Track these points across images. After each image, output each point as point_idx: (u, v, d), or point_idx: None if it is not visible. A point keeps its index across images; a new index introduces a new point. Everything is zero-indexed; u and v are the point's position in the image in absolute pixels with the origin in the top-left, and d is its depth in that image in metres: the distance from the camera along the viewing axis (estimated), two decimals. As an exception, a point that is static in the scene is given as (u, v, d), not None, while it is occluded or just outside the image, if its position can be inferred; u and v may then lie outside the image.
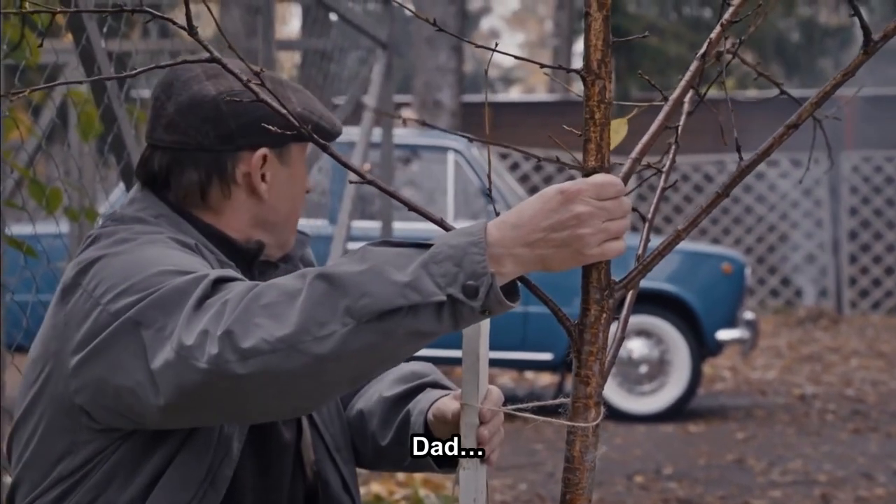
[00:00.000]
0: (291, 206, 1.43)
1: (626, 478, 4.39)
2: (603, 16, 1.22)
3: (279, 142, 1.39)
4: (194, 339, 1.14)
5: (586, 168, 1.19)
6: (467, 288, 1.10)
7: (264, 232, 1.42)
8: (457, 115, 9.56)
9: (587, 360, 1.20)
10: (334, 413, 1.47)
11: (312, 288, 1.12)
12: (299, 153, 1.43)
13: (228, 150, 1.39)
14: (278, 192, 1.41)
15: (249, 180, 1.39)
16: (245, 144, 1.39)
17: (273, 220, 1.42)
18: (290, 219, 1.43)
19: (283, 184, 1.41)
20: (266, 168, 1.40)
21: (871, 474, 4.47)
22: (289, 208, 1.43)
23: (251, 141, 1.38)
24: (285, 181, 1.41)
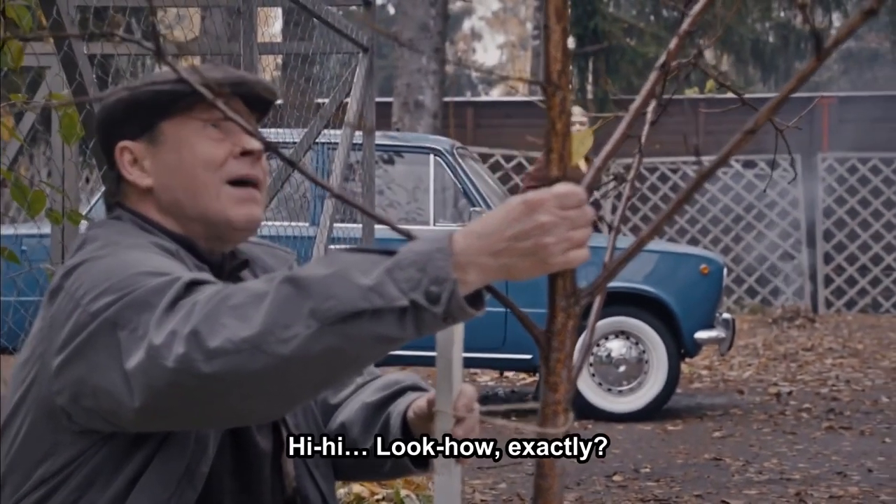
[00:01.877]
0: (185, 178, 1.41)
1: (605, 477, 4.44)
2: (561, 27, 1.25)
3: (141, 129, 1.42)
4: (163, 339, 1.17)
5: (549, 178, 1.23)
6: (430, 294, 1.12)
7: (182, 218, 1.43)
8: (438, 117, 9.60)
9: (555, 366, 1.24)
10: (312, 429, 1.50)
11: (279, 290, 1.15)
12: (180, 126, 1.42)
13: (108, 154, 1.46)
14: (162, 172, 1.42)
15: (124, 177, 1.44)
16: (111, 144, 1.45)
17: (173, 201, 1.42)
18: (192, 191, 1.41)
19: (166, 162, 1.42)
20: (141, 158, 1.43)
21: (845, 472, 4.53)
22: (182, 181, 1.41)
23: (114, 139, 1.44)
24: (167, 159, 1.42)
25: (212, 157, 1.41)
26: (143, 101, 1.41)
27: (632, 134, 1.40)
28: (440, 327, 1.19)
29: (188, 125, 1.41)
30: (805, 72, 1.27)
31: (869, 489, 4.24)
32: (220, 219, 1.42)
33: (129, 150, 1.42)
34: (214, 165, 1.41)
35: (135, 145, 1.42)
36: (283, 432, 1.44)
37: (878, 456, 4.87)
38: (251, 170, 1.44)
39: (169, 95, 1.40)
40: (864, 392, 6.81)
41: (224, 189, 1.42)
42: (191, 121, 1.41)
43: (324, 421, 1.56)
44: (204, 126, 1.41)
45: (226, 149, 1.42)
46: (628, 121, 1.39)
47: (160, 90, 1.40)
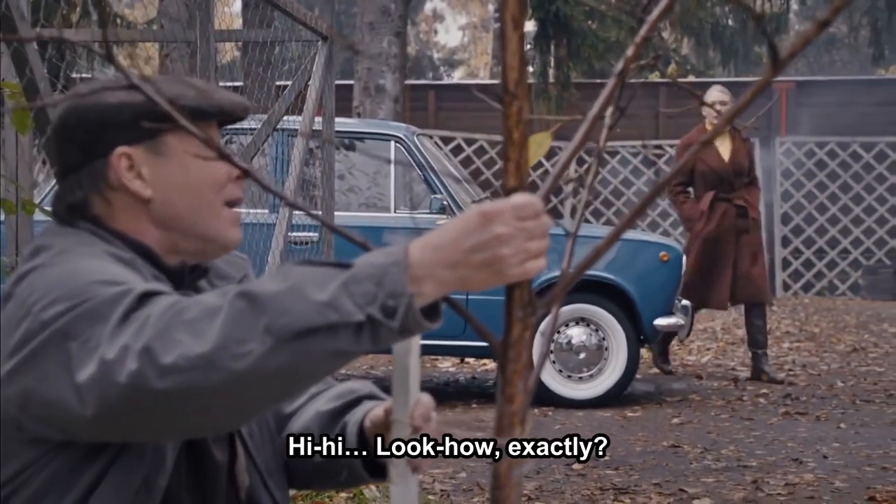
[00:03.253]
0: (189, 197, 1.40)
1: (565, 465, 4.46)
2: (518, 36, 1.24)
3: (141, 136, 1.39)
4: (115, 354, 1.15)
5: (506, 188, 1.22)
6: (386, 308, 1.12)
7: (175, 233, 1.41)
8: (399, 101, 9.55)
9: (512, 377, 1.23)
10: (266, 439, 1.49)
11: (233, 305, 1.13)
12: (182, 140, 1.40)
13: (93, 160, 1.40)
14: (167, 186, 1.40)
15: (122, 183, 1.40)
16: (104, 150, 1.40)
17: (173, 216, 1.40)
18: (193, 210, 1.41)
19: (171, 175, 1.40)
20: (138, 165, 1.40)
21: (800, 459, 4.59)
22: (187, 199, 1.40)
23: (107, 145, 1.40)
24: (173, 172, 1.40)
25: (218, 179, 1.42)
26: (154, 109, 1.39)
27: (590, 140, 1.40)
28: (397, 340, 1.19)
29: (191, 141, 1.39)
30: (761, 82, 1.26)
31: (824, 476, 4.30)
32: (218, 238, 1.43)
33: (129, 156, 1.39)
34: (219, 186, 1.42)
35: (134, 152, 1.39)
36: (237, 443, 1.43)
37: (834, 442, 4.94)
38: (241, 193, 1.45)
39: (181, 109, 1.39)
40: (819, 377, 6.90)
41: (224, 210, 1.43)
42: (190, 140, 1.39)
43: (277, 430, 1.55)
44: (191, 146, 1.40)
45: (226, 171, 1.42)
46: (586, 128, 1.38)
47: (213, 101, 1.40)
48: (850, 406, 5.89)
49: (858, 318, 10.25)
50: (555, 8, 11.50)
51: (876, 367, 7.31)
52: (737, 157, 6.71)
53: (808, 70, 22.20)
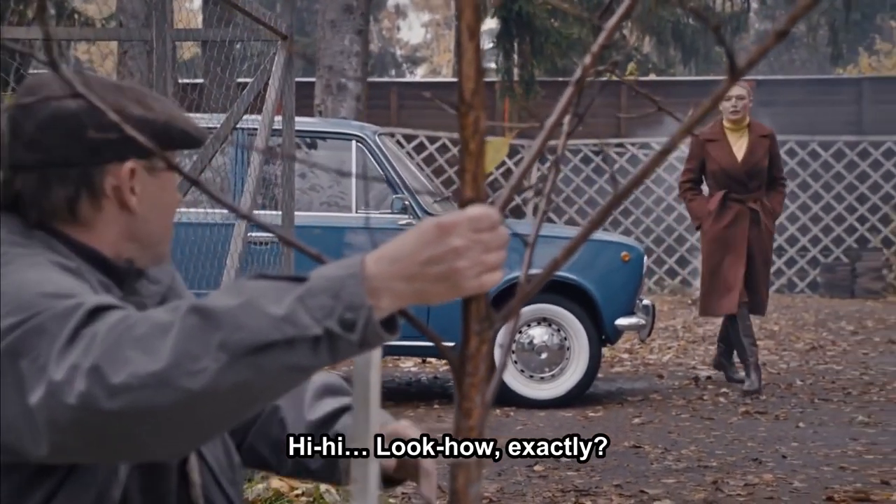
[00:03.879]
0: (163, 218, 1.45)
1: (527, 467, 4.46)
2: (474, 45, 1.22)
3: (146, 153, 1.39)
4: (63, 375, 1.12)
5: (463, 199, 1.20)
6: (344, 321, 1.10)
7: (137, 246, 1.43)
8: (361, 99, 9.50)
9: (469, 391, 1.21)
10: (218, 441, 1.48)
11: (185, 321, 1.10)
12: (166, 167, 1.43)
13: (95, 164, 1.38)
14: (149, 204, 1.42)
15: (120, 194, 1.39)
16: (112, 157, 1.38)
17: (145, 233, 1.43)
18: (163, 230, 1.45)
19: (154, 195, 1.43)
20: (135, 181, 1.40)
21: (760, 459, 4.61)
22: (161, 220, 1.44)
23: (118, 153, 1.39)
24: (156, 192, 1.43)
25: (179, 200, 1.51)
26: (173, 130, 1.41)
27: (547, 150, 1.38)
28: (356, 354, 1.17)
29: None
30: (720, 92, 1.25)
31: (783, 476, 4.32)
32: (165, 255, 1.48)
33: (136, 171, 1.41)
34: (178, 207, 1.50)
35: (140, 169, 1.41)
36: None
37: (792, 441, 4.97)
38: None
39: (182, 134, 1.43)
40: (779, 375, 6.95)
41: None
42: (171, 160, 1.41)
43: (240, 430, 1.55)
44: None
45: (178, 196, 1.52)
46: (543, 137, 1.36)
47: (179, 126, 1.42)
48: (808, 405, 5.94)
49: (817, 315, 10.35)
50: (517, 6, 11.50)
51: (834, 366, 7.38)
52: (752, 156, 6.27)
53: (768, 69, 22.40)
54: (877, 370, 7.14)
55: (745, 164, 6.24)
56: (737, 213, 6.23)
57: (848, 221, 12.87)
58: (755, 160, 6.26)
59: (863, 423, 5.38)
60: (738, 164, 6.24)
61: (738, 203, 6.25)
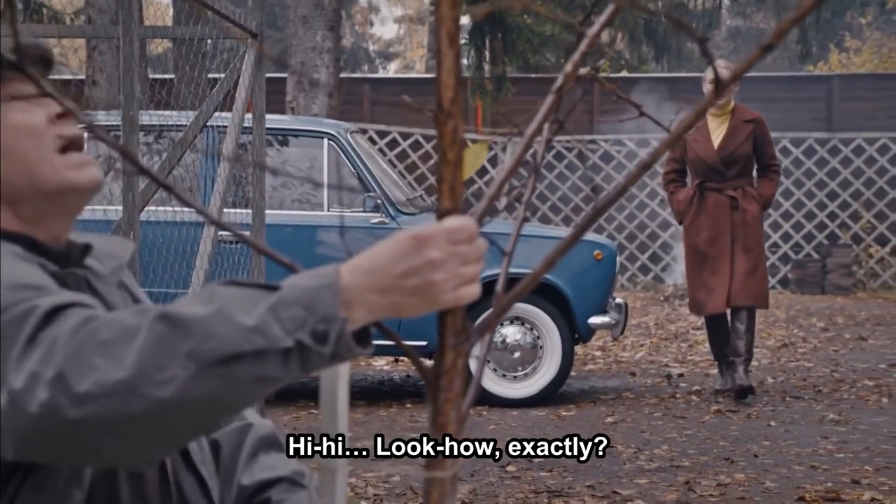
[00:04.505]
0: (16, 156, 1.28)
1: (499, 468, 4.44)
2: (454, 53, 1.19)
3: None
4: (23, 383, 1.08)
5: (440, 210, 1.18)
6: (317, 333, 1.07)
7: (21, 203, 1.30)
8: (334, 95, 9.45)
9: (444, 407, 1.19)
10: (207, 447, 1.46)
11: (153, 328, 1.07)
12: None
13: None
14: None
15: None
16: None
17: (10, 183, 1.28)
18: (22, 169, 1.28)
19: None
20: None
21: (732, 458, 4.62)
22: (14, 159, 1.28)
23: None
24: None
25: (32, 125, 1.29)
26: None
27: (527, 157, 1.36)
28: (327, 367, 1.15)
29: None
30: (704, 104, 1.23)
31: (754, 475, 4.33)
32: (65, 188, 1.30)
33: None
34: (37, 134, 1.29)
35: None
36: None
37: (764, 440, 4.98)
38: (75, 130, 1.32)
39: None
40: (750, 373, 6.96)
41: (57, 158, 1.30)
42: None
43: None
44: (6, 103, 1.28)
45: (40, 115, 1.29)
46: (524, 145, 1.34)
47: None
48: (780, 403, 5.96)
49: (788, 312, 10.41)
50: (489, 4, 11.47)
51: (805, 363, 7.42)
52: (729, 143, 5.84)
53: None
54: (847, 367, 7.19)
55: (720, 150, 5.85)
56: (715, 203, 5.87)
57: (818, 218, 12.96)
58: (733, 147, 5.84)
59: (834, 421, 5.41)
60: (713, 151, 5.85)
61: (716, 193, 5.88)
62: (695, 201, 5.90)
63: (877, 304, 11.23)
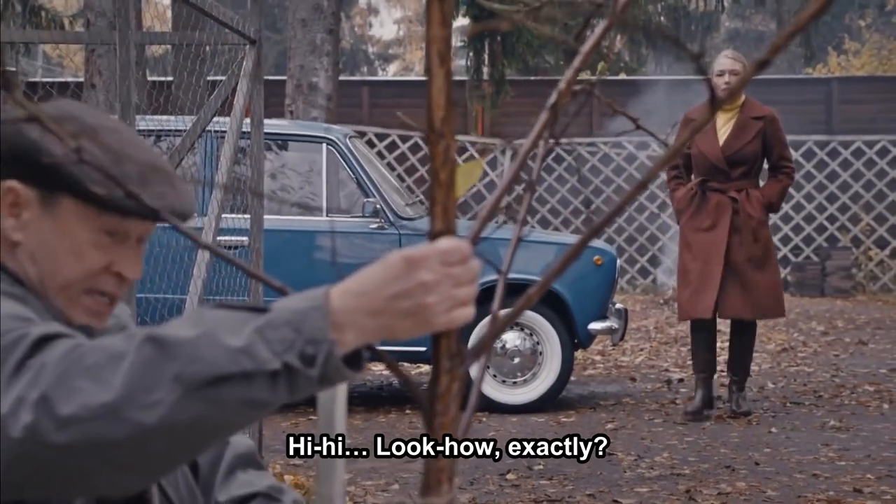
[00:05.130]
0: (56, 267, 1.31)
1: (499, 475, 4.42)
2: (445, 71, 1.17)
3: (40, 182, 1.29)
4: (8, 408, 1.07)
5: (433, 231, 1.16)
6: (305, 355, 1.05)
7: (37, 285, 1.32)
8: (332, 99, 9.43)
9: (439, 432, 1.17)
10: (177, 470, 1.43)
11: (140, 351, 1.06)
12: (80, 214, 1.30)
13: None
14: (37, 241, 1.30)
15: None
16: (7, 173, 1.30)
17: (36, 271, 1.31)
18: (51, 281, 1.31)
19: (46, 235, 1.30)
20: (20, 205, 1.30)
21: (733, 466, 4.59)
22: (53, 268, 1.31)
23: (8, 171, 1.29)
24: (49, 233, 1.30)
25: (90, 267, 1.32)
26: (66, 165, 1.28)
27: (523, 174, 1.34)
28: (316, 390, 1.13)
29: (85, 213, 1.30)
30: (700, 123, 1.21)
31: (756, 484, 4.30)
32: (64, 312, 1.33)
33: (16, 193, 1.30)
34: (85, 273, 1.32)
35: (24, 191, 1.29)
36: None
37: (765, 448, 4.96)
38: (116, 289, 1.35)
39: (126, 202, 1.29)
40: (751, 378, 6.93)
41: (83, 297, 1.33)
42: (89, 209, 1.29)
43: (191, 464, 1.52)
44: (100, 230, 1.31)
45: (104, 261, 1.32)
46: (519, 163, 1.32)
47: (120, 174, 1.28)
48: (780, 409, 5.94)
49: (788, 315, 10.37)
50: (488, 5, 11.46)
51: (805, 368, 7.40)
52: (735, 140, 5.40)
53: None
54: (847, 372, 7.16)
55: (725, 148, 5.40)
56: (716, 204, 5.40)
57: (818, 220, 12.94)
58: (739, 145, 5.39)
59: (835, 427, 5.39)
60: (717, 148, 5.39)
61: (718, 193, 5.42)
62: (696, 199, 5.45)
63: (876, 308, 11.21)
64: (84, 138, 1.27)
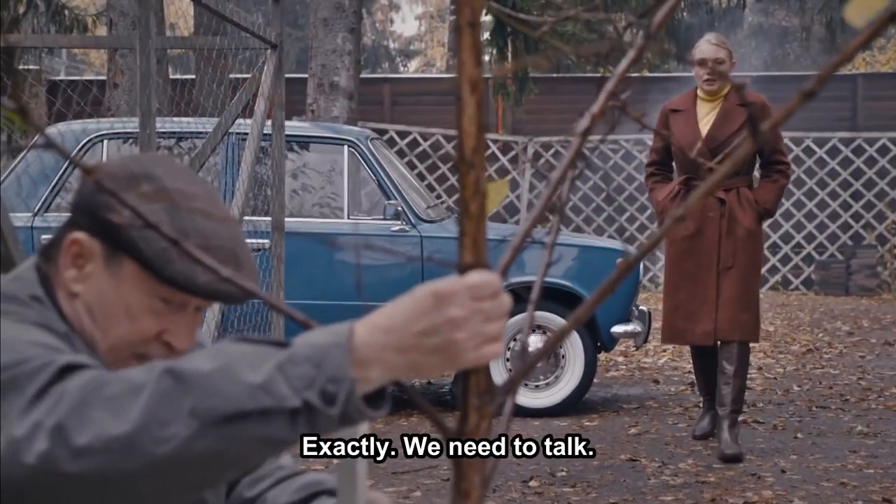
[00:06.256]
0: (109, 326, 1.30)
1: (522, 482, 4.38)
2: (476, 100, 1.14)
3: (106, 240, 1.29)
4: (24, 431, 1.06)
5: (462, 265, 1.12)
6: (325, 393, 1.03)
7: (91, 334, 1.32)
8: (354, 98, 9.40)
9: (468, 471, 1.14)
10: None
11: (158, 383, 1.04)
12: (140, 277, 1.30)
13: (69, 225, 1.33)
14: (94, 296, 1.30)
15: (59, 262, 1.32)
16: (78, 223, 1.31)
17: (90, 322, 1.31)
18: (105, 339, 1.31)
19: (104, 292, 1.30)
20: (84, 257, 1.30)
21: (758, 474, 4.54)
22: (106, 326, 1.31)
23: (81, 221, 1.31)
24: (108, 290, 1.30)
25: (142, 332, 1.31)
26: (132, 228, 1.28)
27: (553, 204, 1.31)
28: (336, 429, 1.10)
29: (145, 277, 1.29)
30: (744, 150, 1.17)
31: (782, 492, 4.25)
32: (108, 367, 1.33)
33: (81, 244, 1.30)
34: (137, 337, 1.32)
35: (90, 244, 1.30)
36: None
37: (791, 454, 4.90)
38: (163, 357, 1.34)
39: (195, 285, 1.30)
40: (775, 380, 6.89)
41: (129, 361, 1.32)
42: (149, 274, 1.29)
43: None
44: (155, 295, 1.30)
45: (156, 329, 1.32)
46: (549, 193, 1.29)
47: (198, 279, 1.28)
48: (806, 413, 5.87)
49: (812, 315, 10.29)
50: (511, 3, 11.40)
51: (831, 370, 7.32)
52: (720, 131, 4.69)
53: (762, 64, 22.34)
54: (874, 375, 7.08)
55: (709, 139, 4.66)
56: (702, 206, 4.45)
57: (843, 218, 12.82)
58: (725, 135, 4.65)
59: (862, 433, 5.32)
60: (700, 140, 4.68)
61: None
62: (677, 200, 4.67)
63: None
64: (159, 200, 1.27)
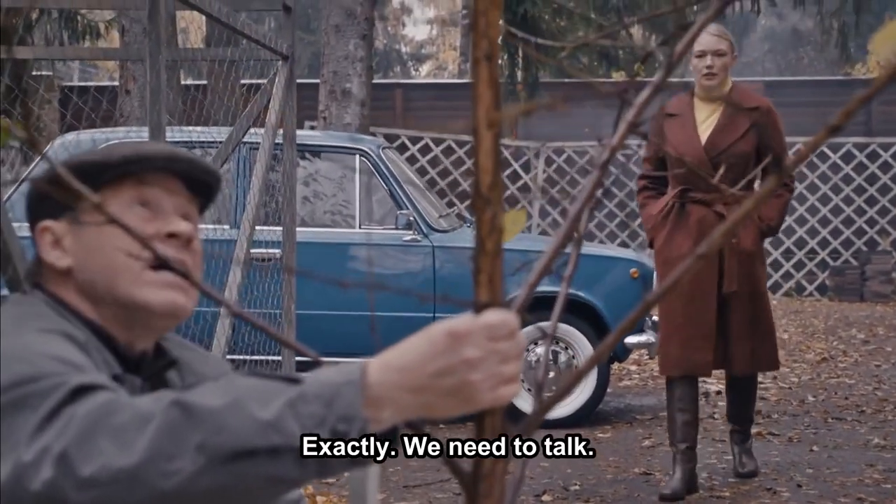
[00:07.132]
0: (103, 259, 1.32)
1: (534, 497, 4.35)
2: (493, 134, 1.11)
3: (64, 209, 1.33)
4: (33, 456, 1.05)
5: (477, 303, 1.09)
6: (336, 432, 1.01)
7: (99, 303, 1.33)
8: (366, 105, 9.38)
9: (482, 511, 1.11)
10: None
11: (166, 415, 1.03)
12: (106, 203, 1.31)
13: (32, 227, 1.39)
14: (81, 252, 1.34)
15: (42, 258, 1.36)
16: (36, 219, 1.37)
17: (90, 283, 1.32)
18: (110, 274, 1.32)
19: (86, 241, 1.34)
20: (58, 237, 1.35)
21: (774, 488, 4.49)
22: (100, 261, 1.32)
23: (36, 218, 1.37)
24: (88, 238, 1.33)
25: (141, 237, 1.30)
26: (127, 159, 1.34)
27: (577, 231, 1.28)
28: (346, 469, 1.08)
29: (113, 202, 1.32)
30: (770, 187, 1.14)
31: (799, 507, 4.21)
32: (139, 303, 1.32)
33: (51, 230, 1.35)
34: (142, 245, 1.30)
35: (56, 225, 1.35)
36: None
37: (807, 468, 4.85)
38: (177, 253, 1.33)
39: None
40: (790, 390, 6.83)
41: (145, 273, 1.32)
42: (117, 197, 1.33)
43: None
44: (130, 204, 1.33)
45: (150, 229, 1.32)
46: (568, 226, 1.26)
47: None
48: (822, 425, 5.81)
49: (826, 322, 10.22)
50: (522, 9, 11.38)
51: (846, 379, 7.26)
52: (722, 137, 4.19)
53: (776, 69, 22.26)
54: (890, 384, 7.02)
55: (709, 146, 4.17)
56: (699, 220, 4.15)
57: (857, 224, 12.75)
58: (727, 143, 4.18)
59: (879, 446, 5.26)
60: (699, 147, 4.17)
61: (702, 206, 4.16)
62: (672, 216, 4.19)
63: (918, 314, 11.02)
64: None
